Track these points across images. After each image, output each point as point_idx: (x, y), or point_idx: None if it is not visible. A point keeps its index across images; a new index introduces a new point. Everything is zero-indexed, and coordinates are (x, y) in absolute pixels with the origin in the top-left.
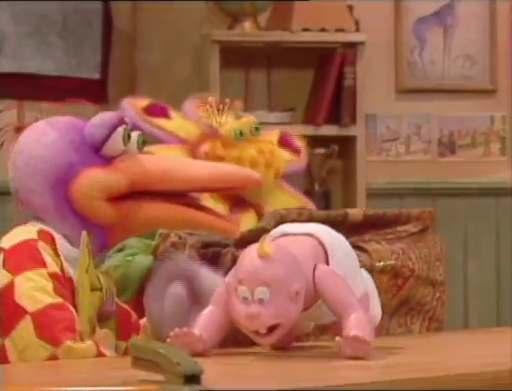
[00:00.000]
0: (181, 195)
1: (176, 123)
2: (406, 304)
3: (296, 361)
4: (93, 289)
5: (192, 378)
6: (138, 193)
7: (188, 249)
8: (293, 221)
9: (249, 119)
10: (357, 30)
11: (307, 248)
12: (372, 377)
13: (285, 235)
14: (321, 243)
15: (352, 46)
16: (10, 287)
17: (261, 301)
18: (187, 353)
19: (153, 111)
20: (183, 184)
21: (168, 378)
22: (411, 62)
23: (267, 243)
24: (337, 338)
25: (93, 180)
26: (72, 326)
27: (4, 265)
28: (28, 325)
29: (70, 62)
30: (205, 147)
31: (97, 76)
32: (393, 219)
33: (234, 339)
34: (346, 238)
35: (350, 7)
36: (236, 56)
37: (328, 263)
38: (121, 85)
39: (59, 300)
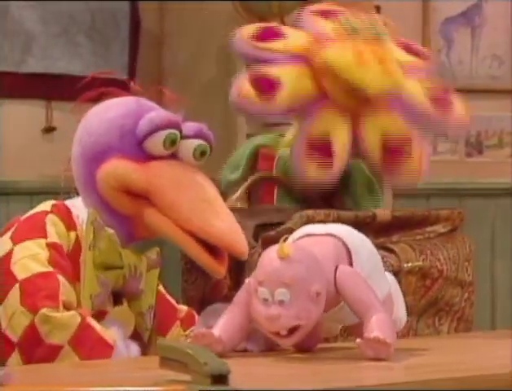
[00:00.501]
0: None
1: (290, 41)
2: (434, 305)
3: (322, 362)
4: (110, 268)
5: (220, 378)
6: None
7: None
8: (320, 222)
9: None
10: None
11: (330, 249)
12: (399, 378)
13: (308, 235)
14: (344, 244)
15: None
16: (8, 255)
17: (281, 303)
18: None
19: (264, 35)
20: (180, 223)
21: (195, 378)
22: (438, 62)
23: (287, 245)
24: (358, 340)
25: (115, 169)
26: (54, 294)
27: (12, 235)
28: (16, 292)
29: (98, 62)
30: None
31: (124, 76)
32: (422, 220)
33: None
34: (374, 239)
35: (378, 8)
36: None
37: (351, 264)
38: (149, 86)
39: (50, 269)
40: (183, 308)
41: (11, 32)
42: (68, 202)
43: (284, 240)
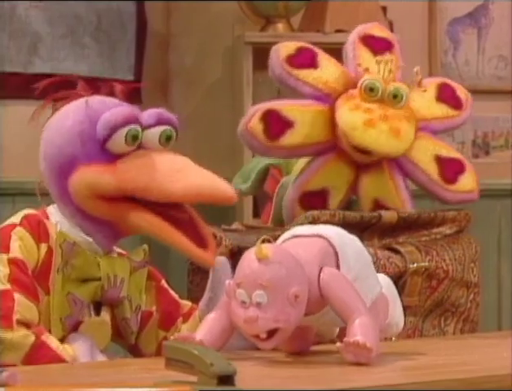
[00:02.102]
0: (174, 206)
1: (321, 73)
2: (440, 305)
3: (324, 364)
4: (86, 280)
5: (226, 379)
6: (131, 198)
7: (223, 249)
8: (325, 222)
9: (397, 85)
10: (390, 31)
11: (315, 250)
12: (403, 379)
13: (296, 236)
14: (332, 245)
15: None
16: None
17: (259, 305)
18: None
19: (299, 60)
20: (162, 198)
21: (201, 379)
22: (445, 63)
23: (265, 246)
24: (338, 344)
25: (84, 178)
26: (7, 315)
27: None
28: None
29: (104, 63)
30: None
31: (131, 77)
32: (428, 221)
33: None
34: (380, 240)
35: (384, 8)
36: (268, 58)
37: (338, 265)
38: (155, 87)
39: (7, 287)
40: (187, 303)
41: (17, 33)
42: (49, 209)
43: (263, 242)
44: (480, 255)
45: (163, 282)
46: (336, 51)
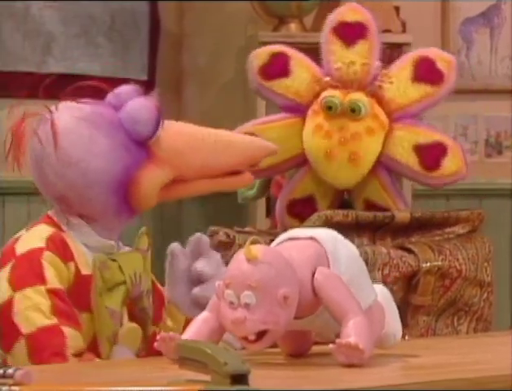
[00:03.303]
0: None
1: (292, 82)
2: (453, 304)
3: (334, 363)
4: (115, 285)
5: (239, 378)
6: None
7: (237, 247)
8: (338, 222)
9: (354, 98)
10: (403, 31)
11: (309, 253)
12: (415, 378)
13: (291, 239)
14: (324, 249)
15: (399, 46)
16: (9, 303)
17: (247, 306)
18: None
19: (271, 69)
20: (216, 172)
21: (215, 378)
22: (458, 63)
23: (255, 247)
24: (331, 345)
25: (150, 181)
26: (61, 351)
27: (9, 277)
28: (23, 348)
29: (117, 63)
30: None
31: (144, 77)
32: (441, 221)
33: None
34: (393, 239)
35: (397, 8)
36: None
37: (329, 268)
38: (168, 87)
39: (53, 321)
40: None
41: (31, 33)
42: (59, 221)
43: (252, 242)
44: (493, 254)
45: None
46: None
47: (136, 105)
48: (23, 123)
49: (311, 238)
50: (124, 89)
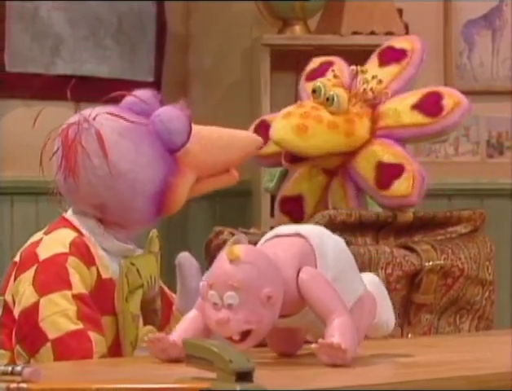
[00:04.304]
0: None
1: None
2: (455, 303)
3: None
4: (135, 289)
5: (244, 375)
6: None
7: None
8: (342, 221)
9: (333, 90)
10: (406, 33)
11: (294, 250)
12: (417, 376)
13: (277, 236)
14: (310, 245)
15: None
16: (34, 308)
17: (230, 306)
18: (164, 358)
19: (315, 74)
20: (223, 169)
21: (220, 375)
22: (460, 64)
23: (237, 246)
24: (313, 344)
25: (183, 187)
26: (86, 356)
27: (33, 280)
28: (49, 352)
29: (124, 65)
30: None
31: (151, 78)
32: (444, 221)
33: None
34: (396, 239)
35: (400, 11)
36: (286, 59)
37: (316, 265)
38: (175, 88)
39: (79, 326)
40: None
41: (40, 35)
42: (73, 220)
43: (235, 242)
44: (495, 253)
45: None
46: (352, 53)
47: (169, 115)
48: (69, 131)
49: (298, 234)
50: (144, 95)
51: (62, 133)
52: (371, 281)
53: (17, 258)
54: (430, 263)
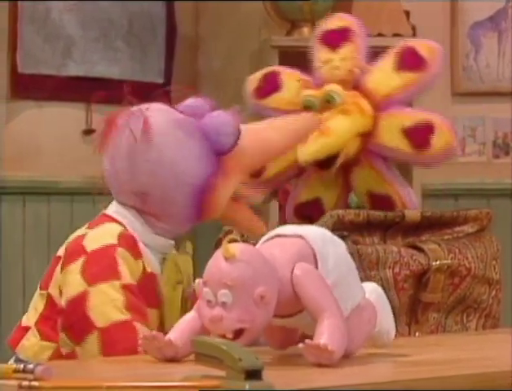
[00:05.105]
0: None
1: (283, 94)
2: (462, 302)
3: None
4: (176, 283)
5: (254, 373)
6: None
7: None
8: (350, 221)
9: (327, 89)
10: (414, 35)
11: (293, 251)
12: (424, 374)
13: (278, 236)
14: (311, 247)
15: None
16: (83, 297)
17: (223, 304)
18: (160, 357)
19: (264, 89)
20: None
21: (230, 373)
22: (466, 66)
23: (232, 245)
24: (300, 345)
25: (223, 191)
26: (132, 346)
27: (82, 270)
28: (95, 340)
29: (135, 66)
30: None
31: (161, 80)
32: (451, 220)
33: None
34: (404, 238)
35: (407, 13)
36: (294, 61)
37: (316, 267)
38: (184, 89)
39: (127, 316)
40: None
41: (52, 37)
42: (116, 215)
43: (230, 240)
44: (501, 253)
45: None
46: None
47: (220, 118)
48: (119, 117)
49: (299, 236)
50: (196, 101)
51: (111, 118)
52: (372, 290)
53: (60, 253)
54: (438, 262)
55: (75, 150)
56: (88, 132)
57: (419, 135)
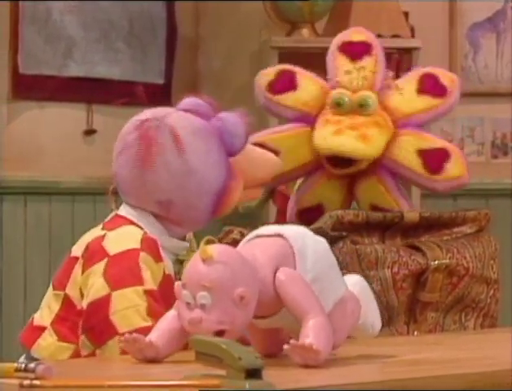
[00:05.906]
0: None
1: (300, 94)
2: (461, 301)
3: (337, 360)
4: None
5: (254, 372)
6: None
7: None
8: (349, 221)
9: (363, 95)
10: (412, 36)
11: (273, 251)
12: (422, 373)
13: (258, 236)
14: (290, 246)
15: (408, 51)
16: (106, 300)
17: (203, 306)
18: (141, 358)
19: (279, 85)
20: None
21: (230, 373)
22: (465, 67)
23: (210, 246)
24: (285, 346)
25: (237, 191)
26: None
27: (105, 273)
28: (116, 346)
29: (135, 67)
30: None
31: (161, 81)
32: (449, 221)
33: None
34: (403, 239)
35: (406, 14)
36: (294, 62)
37: (295, 265)
38: (185, 90)
39: (149, 323)
40: None
41: (53, 37)
42: (131, 216)
43: (208, 242)
44: (499, 253)
45: None
46: None
47: (232, 119)
48: (145, 127)
49: (279, 235)
50: (195, 100)
51: (139, 129)
52: (356, 283)
53: (75, 253)
54: (436, 262)
55: (76, 150)
56: (89, 132)
57: (434, 159)
